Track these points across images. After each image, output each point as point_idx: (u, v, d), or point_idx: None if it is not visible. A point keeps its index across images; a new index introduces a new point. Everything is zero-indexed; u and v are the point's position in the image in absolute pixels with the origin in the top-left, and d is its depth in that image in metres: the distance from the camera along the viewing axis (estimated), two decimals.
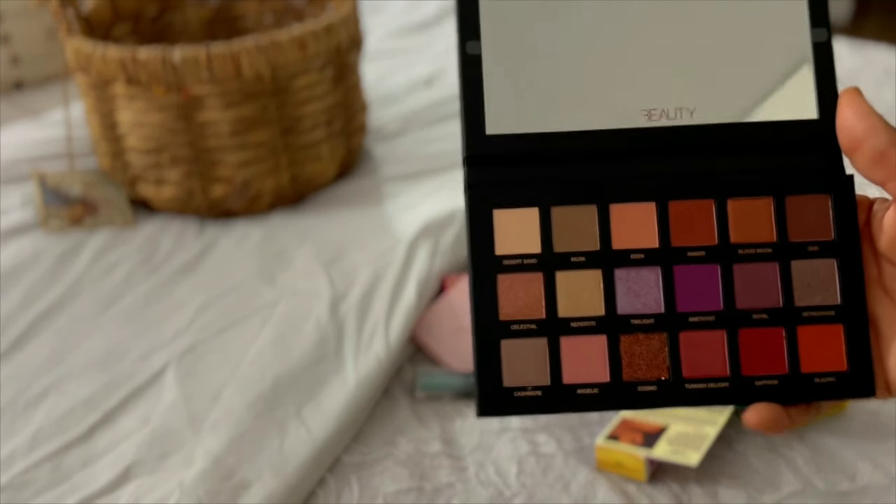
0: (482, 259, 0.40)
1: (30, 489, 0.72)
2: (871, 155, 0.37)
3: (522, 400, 0.39)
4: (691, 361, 0.39)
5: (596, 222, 0.40)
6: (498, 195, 0.40)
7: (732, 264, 0.40)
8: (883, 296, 0.39)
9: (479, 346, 0.39)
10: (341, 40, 1.08)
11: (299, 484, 0.72)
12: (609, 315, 0.39)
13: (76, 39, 1.05)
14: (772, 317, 0.39)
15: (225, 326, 0.89)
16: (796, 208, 0.40)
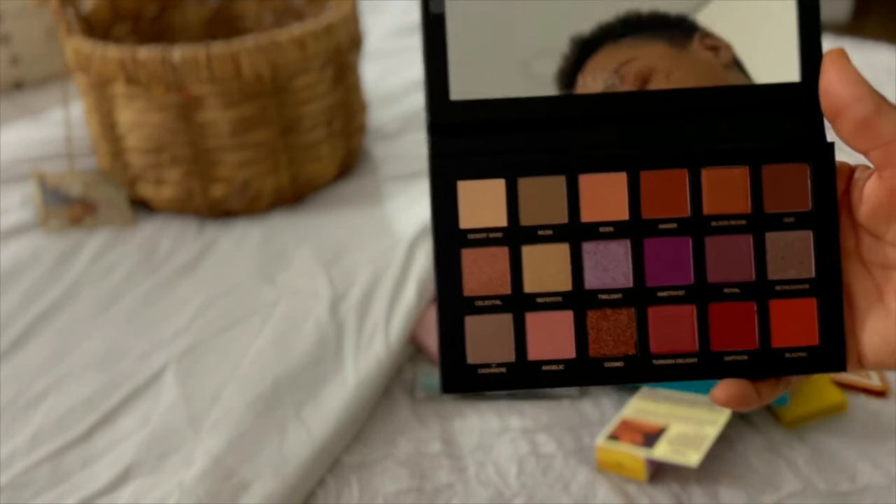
0: (446, 232, 0.38)
1: (29, 489, 0.72)
2: (854, 122, 0.35)
3: (487, 377, 0.38)
4: (659, 337, 0.38)
5: (564, 194, 0.38)
6: (463, 165, 0.38)
7: (704, 237, 0.38)
8: (860, 267, 0.38)
9: (442, 322, 0.38)
10: (341, 40, 1.08)
11: (299, 484, 0.72)
12: (576, 290, 0.38)
13: (76, 39, 1.05)
14: (743, 291, 0.38)
15: (225, 326, 0.89)
16: (773, 178, 0.38)
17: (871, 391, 0.79)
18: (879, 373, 0.80)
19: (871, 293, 0.37)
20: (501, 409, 0.79)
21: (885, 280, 0.37)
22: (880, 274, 0.37)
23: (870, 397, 0.79)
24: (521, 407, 0.79)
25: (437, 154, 0.38)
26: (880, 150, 0.35)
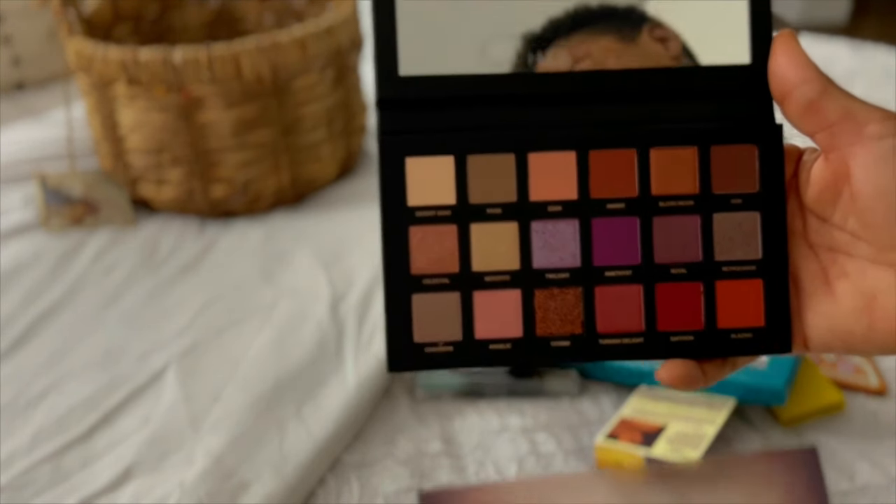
0: (394, 210, 0.38)
1: (30, 489, 0.72)
2: (801, 104, 0.36)
3: (433, 355, 0.38)
4: (606, 316, 0.38)
5: (514, 172, 0.38)
6: (412, 142, 0.38)
7: (653, 217, 0.38)
8: (807, 250, 0.38)
9: (389, 300, 0.38)
10: (341, 41, 1.08)
11: (299, 484, 0.72)
12: (524, 269, 0.38)
13: (77, 40, 1.05)
14: (690, 271, 0.38)
15: (225, 326, 0.90)
16: (721, 158, 0.38)
17: (869, 390, 0.79)
18: (878, 372, 0.81)
19: (818, 276, 0.38)
20: (501, 409, 0.80)
21: (831, 263, 0.37)
22: (826, 256, 0.37)
23: (868, 397, 0.79)
24: (521, 406, 0.80)
25: (385, 130, 0.38)
26: (826, 133, 0.36)
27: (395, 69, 0.38)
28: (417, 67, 0.38)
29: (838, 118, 0.35)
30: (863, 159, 0.35)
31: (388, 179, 0.38)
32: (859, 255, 0.36)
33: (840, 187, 0.36)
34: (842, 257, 0.37)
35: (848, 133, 0.35)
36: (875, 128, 0.35)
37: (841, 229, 0.37)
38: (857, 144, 0.35)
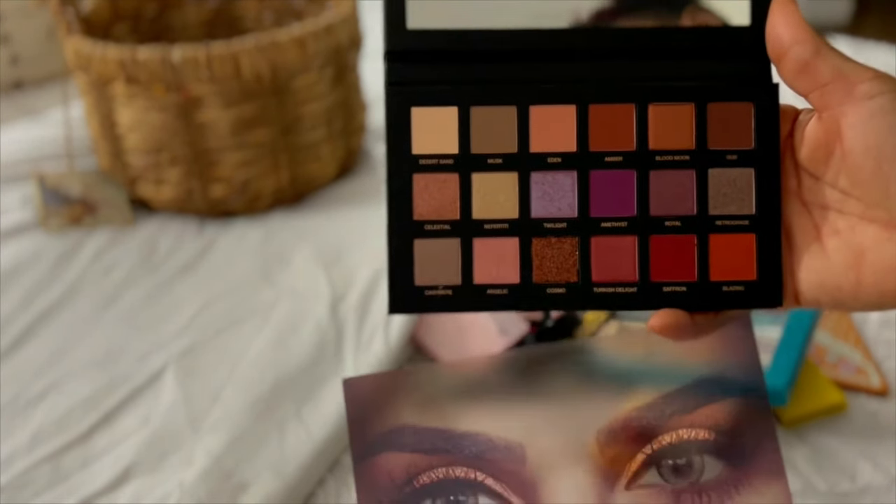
0: (398, 158, 0.39)
1: (29, 489, 0.72)
2: (795, 64, 0.37)
3: (433, 298, 0.39)
4: (601, 266, 0.39)
5: (515, 124, 0.40)
6: (417, 93, 0.39)
7: (649, 171, 0.39)
8: (800, 207, 0.39)
9: (392, 245, 0.39)
10: (341, 40, 1.08)
11: (299, 484, 0.72)
12: (522, 218, 0.39)
13: (76, 39, 1.05)
14: (684, 224, 0.39)
15: (224, 326, 0.89)
16: (718, 115, 0.39)
17: (871, 391, 0.79)
18: (879, 373, 0.80)
19: (810, 233, 0.38)
20: None
21: (823, 220, 0.38)
22: (818, 214, 0.38)
23: (870, 397, 0.79)
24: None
25: (392, 81, 0.40)
26: (819, 92, 0.37)
27: (403, 22, 0.39)
28: (425, 21, 0.39)
29: (831, 78, 0.36)
30: (853, 118, 0.36)
31: (393, 128, 0.39)
32: (850, 212, 0.37)
33: (832, 146, 0.37)
34: (833, 215, 0.38)
35: (840, 92, 0.36)
36: (866, 87, 0.36)
37: (833, 187, 0.37)
38: (848, 103, 0.36)
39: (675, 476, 0.40)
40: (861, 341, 0.84)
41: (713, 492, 0.40)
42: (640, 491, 0.40)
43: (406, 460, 0.40)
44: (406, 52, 0.39)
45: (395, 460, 0.40)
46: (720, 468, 0.40)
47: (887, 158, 0.35)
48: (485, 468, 0.40)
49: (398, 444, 0.40)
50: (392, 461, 0.40)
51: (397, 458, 0.40)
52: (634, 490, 0.40)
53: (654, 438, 0.40)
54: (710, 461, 0.40)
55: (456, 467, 0.40)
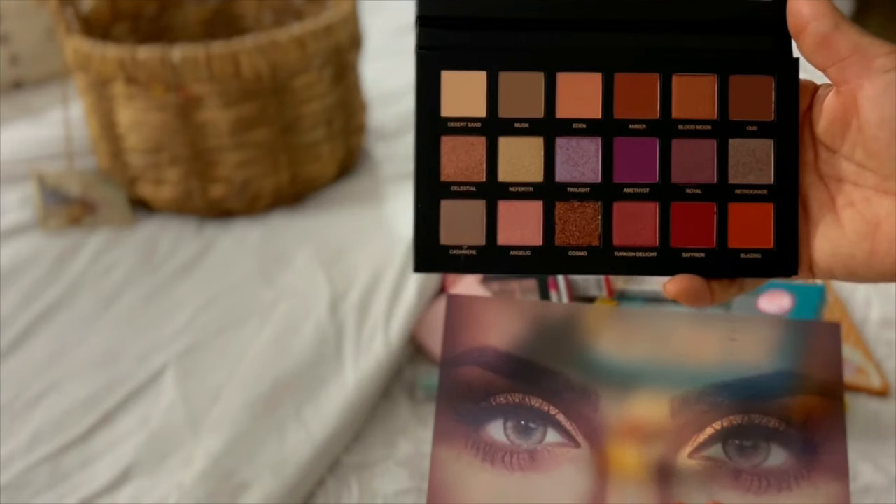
0: (428, 119, 0.40)
1: (29, 489, 0.72)
2: (814, 39, 0.38)
3: (457, 258, 0.40)
4: (622, 230, 0.40)
5: (542, 89, 0.40)
6: (447, 57, 0.40)
7: (671, 139, 0.40)
8: (817, 180, 0.40)
9: (419, 205, 0.40)
10: (341, 40, 1.08)
11: (299, 484, 0.72)
12: (547, 182, 0.40)
13: (75, 39, 1.05)
14: (705, 192, 0.40)
15: (224, 326, 0.89)
16: (739, 87, 0.40)
17: (871, 391, 0.79)
18: (880, 373, 0.80)
19: (826, 204, 0.39)
20: None
21: (838, 192, 0.39)
22: (834, 186, 0.39)
23: (870, 397, 0.79)
24: None
25: (423, 45, 0.40)
26: (837, 67, 0.38)
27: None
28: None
29: (849, 52, 0.37)
30: (870, 91, 0.37)
31: (423, 91, 0.40)
32: (865, 184, 0.38)
33: (849, 119, 0.38)
34: (848, 187, 0.39)
35: (857, 66, 0.37)
36: (883, 61, 0.37)
37: (849, 160, 0.38)
38: (865, 77, 0.37)
39: (739, 455, 0.41)
40: (861, 341, 0.84)
41: (773, 478, 0.40)
42: (702, 462, 0.41)
43: (488, 378, 0.41)
44: (437, 17, 0.40)
45: (478, 375, 0.41)
46: (784, 458, 0.41)
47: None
48: (559, 405, 0.41)
49: (484, 363, 0.41)
50: (475, 375, 0.41)
51: (481, 374, 0.41)
52: (697, 459, 0.41)
53: (725, 416, 0.41)
54: (776, 449, 0.41)
55: (532, 397, 0.41)
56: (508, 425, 0.41)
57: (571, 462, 0.41)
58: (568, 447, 0.41)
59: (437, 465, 0.40)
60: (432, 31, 0.40)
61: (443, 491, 0.40)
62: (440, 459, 0.40)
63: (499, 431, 0.41)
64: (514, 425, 0.41)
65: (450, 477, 0.40)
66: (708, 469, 0.41)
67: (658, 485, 0.40)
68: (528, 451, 0.41)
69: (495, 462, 0.41)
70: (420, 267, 0.40)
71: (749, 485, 0.40)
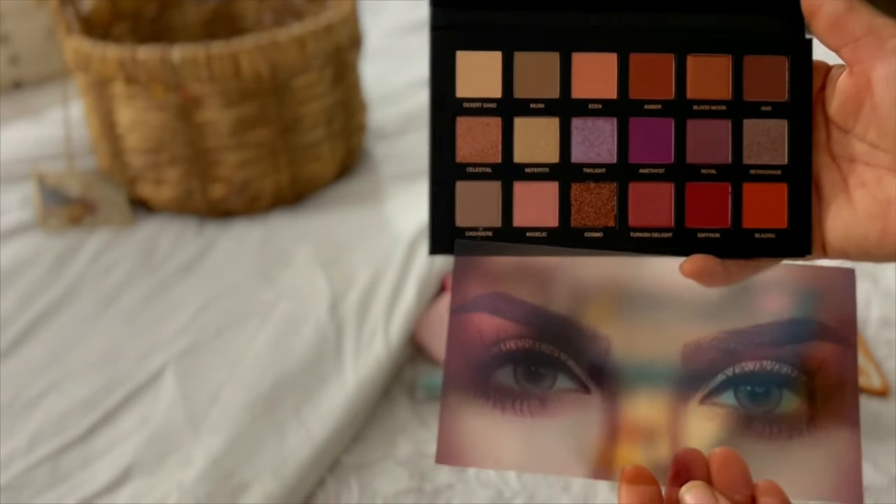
0: (443, 100, 0.40)
1: (29, 489, 0.72)
2: (827, 19, 0.38)
3: (473, 240, 0.40)
4: (638, 211, 0.40)
5: (557, 70, 0.40)
6: (462, 37, 0.40)
7: (686, 119, 0.40)
8: (829, 160, 0.40)
9: (434, 186, 0.40)
10: (341, 40, 1.08)
11: (298, 485, 0.72)
12: (563, 163, 0.40)
13: (75, 39, 1.05)
14: (720, 172, 0.40)
15: (224, 326, 0.89)
16: (754, 68, 0.41)
17: (872, 391, 0.79)
18: (881, 373, 0.80)
19: (838, 184, 0.40)
20: None
21: (850, 172, 0.39)
22: (846, 166, 0.40)
23: (871, 398, 0.79)
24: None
25: (437, 25, 0.40)
26: (850, 47, 0.38)
27: None
28: None
29: (862, 33, 0.38)
30: (883, 71, 0.37)
31: (438, 71, 0.40)
32: (878, 164, 0.38)
33: (862, 99, 0.38)
34: (861, 167, 0.39)
35: (871, 47, 0.37)
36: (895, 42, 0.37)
37: (861, 140, 0.39)
38: (878, 58, 0.37)
39: (750, 402, 0.41)
40: (861, 341, 0.84)
41: (784, 425, 0.41)
42: (713, 408, 0.41)
43: (497, 324, 0.41)
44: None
45: (488, 322, 0.41)
46: (796, 404, 0.41)
47: None
48: (569, 351, 0.41)
49: (493, 309, 0.41)
50: (485, 322, 0.41)
51: (490, 320, 0.41)
52: (708, 406, 0.41)
53: (737, 363, 0.41)
54: (788, 396, 0.41)
55: (543, 343, 0.41)
56: (518, 371, 0.41)
57: (582, 408, 0.41)
58: (578, 393, 0.41)
59: (447, 411, 0.40)
60: (446, 11, 0.40)
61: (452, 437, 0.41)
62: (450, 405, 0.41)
63: (509, 377, 0.41)
64: (524, 371, 0.41)
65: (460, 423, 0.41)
66: (719, 415, 0.41)
67: (669, 430, 0.40)
68: (538, 396, 0.41)
69: (505, 408, 0.41)
70: (435, 249, 0.40)
71: (761, 431, 0.41)
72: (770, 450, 0.40)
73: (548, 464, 0.41)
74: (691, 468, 0.39)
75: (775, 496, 0.38)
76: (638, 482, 0.39)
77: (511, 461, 0.41)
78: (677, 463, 0.40)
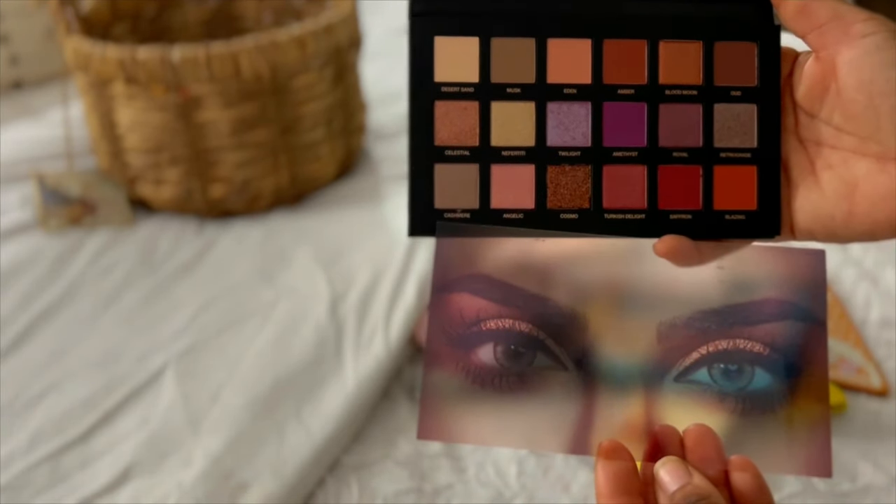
0: (421, 84, 0.42)
1: (29, 489, 0.72)
2: (794, 5, 0.39)
3: (451, 221, 0.41)
4: (612, 193, 0.41)
5: (533, 55, 0.41)
6: (441, 23, 0.42)
7: (659, 104, 0.41)
8: (797, 144, 0.41)
9: (413, 169, 0.41)
10: (341, 40, 1.08)
11: (298, 485, 0.72)
12: (539, 146, 0.41)
13: (75, 39, 1.05)
14: (691, 155, 0.41)
15: (224, 327, 0.89)
16: (724, 54, 0.42)
17: (871, 391, 0.79)
18: (880, 373, 0.80)
19: (806, 167, 0.41)
20: None
21: (817, 155, 0.40)
22: (814, 150, 0.41)
23: (870, 397, 0.79)
24: None
25: (416, 12, 0.42)
26: (816, 33, 0.39)
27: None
28: None
29: (827, 18, 0.39)
30: (848, 55, 0.38)
31: (417, 56, 0.42)
32: (843, 147, 0.39)
33: (828, 83, 0.39)
34: (827, 150, 0.40)
35: (836, 32, 0.39)
36: (860, 27, 0.38)
37: (827, 124, 0.40)
38: (843, 42, 0.38)
39: (724, 379, 0.42)
40: (861, 341, 0.84)
41: (757, 401, 0.42)
42: (688, 385, 0.42)
43: (478, 304, 0.42)
44: (431, 12, 0.42)
45: (469, 302, 0.42)
46: (768, 381, 0.42)
47: (879, 92, 0.37)
48: (547, 330, 0.42)
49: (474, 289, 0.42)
50: (465, 302, 0.42)
51: (471, 300, 0.42)
52: (683, 383, 0.42)
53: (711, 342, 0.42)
54: (760, 373, 0.42)
55: (522, 322, 0.42)
56: (498, 349, 0.42)
57: (560, 384, 0.42)
58: (556, 370, 0.42)
59: (429, 389, 0.41)
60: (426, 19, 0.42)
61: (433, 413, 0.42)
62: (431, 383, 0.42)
63: (489, 355, 0.42)
64: (504, 349, 0.42)
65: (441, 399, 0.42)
66: (693, 392, 0.42)
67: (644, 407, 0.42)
68: (517, 373, 0.42)
69: (485, 385, 0.42)
70: (414, 230, 0.41)
71: (734, 408, 0.42)
72: (743, 426, 0.41)
73: (526, 439, 0.42)
74: (666, 444, 0.40)
75: (748, 471, 0.39)
76: (614, 458, 0.39)
77: (491, 437, 0.42)
78: (652, 439, 0.40)
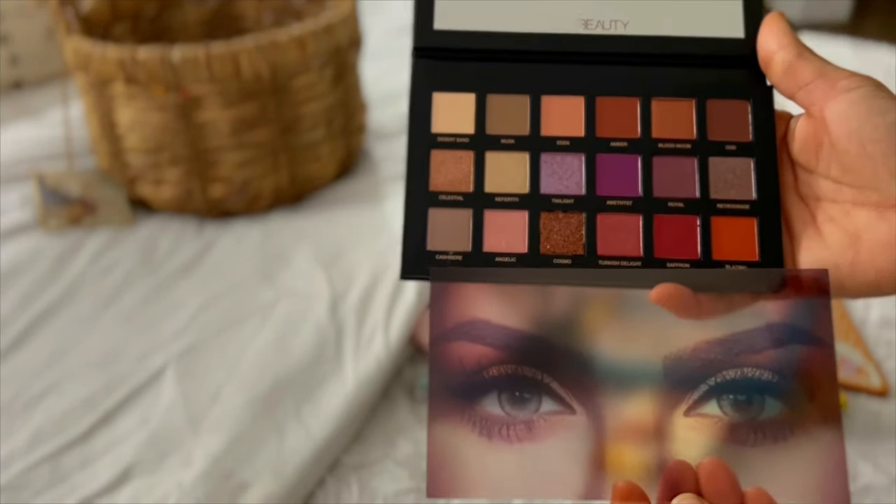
0: (419, 135, 0.43)
1: (29, 489, 0.72)
2: (780, 66, 0.41)
3: (443, 263, 0.41)
4: (607, 240, 0.41)
5: (528, 110, 0.42)
6: (440, 80, 0.43)
7: (652, 156, 0.42)
8: (798, 200, 0.42)
9: (408, 213, 0.42)
10: (341, 40, 1.08)
11: (298, 485, 0.72)
12: (532, 193, 0.42)
13: (75, 39, 1.05)
14: (687, 206, 0.41)
15: (224, 326, 0.89)
16: (717, 111, 0.42)
17: (871, 391, 0.79)
18: (880, 373, 0.80)
19: (807, 221, 0.41)
20: None
21: (818, 210, 0.41)
22: (814, 205, 0.41)
23: (870, 397, 0.79)
24: None
25: (418, 49, 0.43)
26: (804, 91, 0.40)
27: (430, 23, 0.43)
28: (450, 23, 0.43)
29: (813, 77, 0.40)
30: (836, 108, 0.39)
31: (416, 109, 0.43)
32: (843, 199, 0.40)
33: (820, 137, 0.40)
34: (827, 204, 0.41)
35: (822, 88, 0.40)
36: (845, 83, 0.40)
37: (825, 177, 0.40)
38: (830, 97, 0.40)
39: (733, 410, 0.41)
40: (861, 341, 0.84)
41: (768, 430, 0.41)
42: (698, 419, 0.41)
43: (479, 351, 0.41)
44: (432, 49, 0.43)
45: (469, 350, 0.41)
46: (779, 409, 0.41)
47: (870, 139, 0.38)
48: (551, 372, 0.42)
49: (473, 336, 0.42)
50: (465, 350, 0.42)
51: (471, 348, 0.42)
52: (693, 417, 0.41)
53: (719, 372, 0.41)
54: (771, 401, 0.41)
55: (525, 367, 0.41)
56: (503, 397, 0.41)
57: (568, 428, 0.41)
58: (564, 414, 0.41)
59: (434, 443, 0.41)
60: (427, 62, 0.43)
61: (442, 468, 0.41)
62: (437, 437, 0.41)
63: (494, 404, 0.41)
64: (509, 396, 0.41)
65: (448, 454, 0.41)
66: (704, 426, 0.41)
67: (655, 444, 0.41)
68: (524, 421, 0.41)
69: (492, 435, 0.41)
70: (406, 273, 0.41)
71: (746, 438, 0.41)
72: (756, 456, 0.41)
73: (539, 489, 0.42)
74: (680, 481, 0.40)
75: (764, 502, 0.39)
76: (630, 499, 0.39)
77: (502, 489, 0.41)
78: (666, 476, 0.40)
